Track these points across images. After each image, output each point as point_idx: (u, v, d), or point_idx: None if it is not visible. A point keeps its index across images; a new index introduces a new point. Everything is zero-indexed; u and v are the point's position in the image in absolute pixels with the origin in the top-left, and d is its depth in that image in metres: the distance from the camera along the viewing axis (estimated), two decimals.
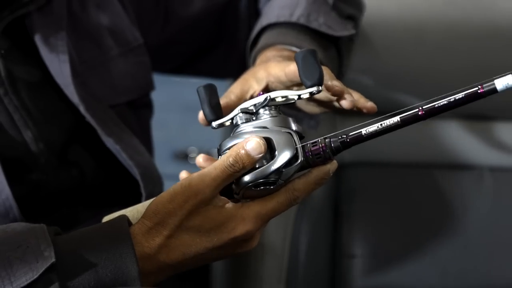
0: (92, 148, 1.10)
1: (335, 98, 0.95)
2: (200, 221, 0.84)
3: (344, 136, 0.85)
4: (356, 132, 0.84)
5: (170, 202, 0.84)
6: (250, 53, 1.16)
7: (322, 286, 1.40)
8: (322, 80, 0.86)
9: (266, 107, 0.86)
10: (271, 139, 0.84)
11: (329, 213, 1.41)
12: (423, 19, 1.38)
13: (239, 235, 0.85)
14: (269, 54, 1.08)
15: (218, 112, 0.88)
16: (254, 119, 0.86)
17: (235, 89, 1.03)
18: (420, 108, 0.83)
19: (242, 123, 0.86)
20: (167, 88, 1.19)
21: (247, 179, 0.84)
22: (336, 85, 0.93)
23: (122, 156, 1.07)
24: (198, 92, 0.88)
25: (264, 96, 0.86)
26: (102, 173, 1.12)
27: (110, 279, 0.83)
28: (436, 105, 0.82)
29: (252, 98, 1.02)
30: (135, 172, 1.07)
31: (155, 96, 1.25)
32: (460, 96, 0.81)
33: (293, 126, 0.86)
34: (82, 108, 1.06)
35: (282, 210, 0.86)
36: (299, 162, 0.84)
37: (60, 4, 1.09)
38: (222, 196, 0.85)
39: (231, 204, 0.85)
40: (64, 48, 1.07)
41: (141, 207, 0.93)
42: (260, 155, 0.82)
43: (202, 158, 0.94)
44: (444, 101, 0.82)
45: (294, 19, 1.12)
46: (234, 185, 0.85)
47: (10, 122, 1.04)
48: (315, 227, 1.38)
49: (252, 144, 0.82)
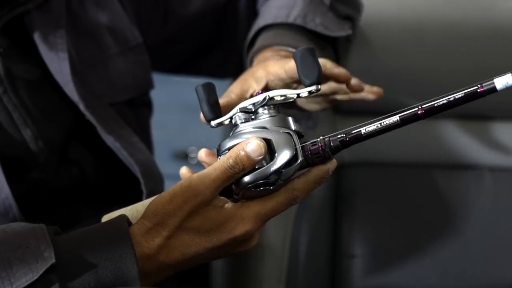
0: (92, 147, 1.10)
1: (336, 89, 0.98)
2: (199, 221, 0.84)
3: (343, 135, 0.85)
4: (355, 131, 0.84)
5: (170, 203, 0.84)
6: (247, 54, 1.16)
7: (322, 286, 1.40)
8: (321, 79, 0.86)
9: (265, 106, 0.86)
10: (271, 140, 0.84)
11: (329, 213, 1.41)
12: (423, 19, 1.37)
13: (239, 235, 0.85)
14: (266, 54, 1.08)
15: (217, 111, 0.87)
16: (253, 118, 0.86)
17: (235, 88, 1.03)
18: (420, 107, 0.82)
19: (241, 123, 0.86)
20: (167, 88, 1.19)
21: (247, 180, 0.84)
22: (342, 71, 0.99)
23: (122, 154, 1.07)
24: (196, 90, 0.87)
25: (263, 95, 0.86)
26: (103, 171, 1.12)
27: (110, 279, 0.83)
28: (435, 104, 0.82)
29: (252, 97, 1.03)
30: (136, 169, 1.07)
31: (155, 96, 1.25)
32: (460, 95, 0.81)
33: (292, 125, 0.85)
34: (81, 106, 1.06)
35: (281, 210, 0.86)
36: (298, 162, 0.84)
37: (59, 2, 1.09)
38: (221, 196, 0.85)
39: (230, 204, 0.85)
40: (64, 46, 1.07)
41: (140, 206, 0.93)
42: (260, 157, 0.82)
43: (204, 153, 0.94)
44: (444, 100, 0.82)
45: (290, 20, 1.12)
46: (233, 185, 0.85)
47: (9, 121, 1.04)
48: (315, 227, 1.38)
49: (252, 145, 0.82)
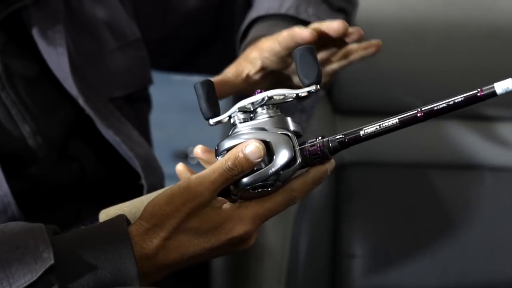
0: (92, 142, 1.10)
1: (328, 56, 1.00)
2: (198, 222, 0.84)
3: (342, 136, 0.85)
4: (354, 132, 0.84)
5: (168, 204, 0.84)
6: (240, 46, 1.16)
7: (322, 286, 1.40)
8: (320, 79, 0.86)
9: (264, 106, 0.86)
10: (269, 142, 0.84)
11: (329, 213, 1.41)
12: (423, 19, 1.38)
13: (237, 236, 0.85)
14: None
15: (216, 109, 0.87)
16: (252, 117, 0.86)
17: (230, 69, 1.04)
18: (419, 109, 0.83)
19: (240, 123, 0.86)
20: (167, 88, 1.19)
21: (245, 181, 0.84)
22: (334, 23, 1.00)
23: (122, 148, 1.07)
24: (195, 88, 0.87)
25: (262, 95, 0.86)
26: (103, 167, 1.12)
27: (109, 279, 0.83)
28: (435, 108, 0.82)
29: (248, 77, 1.04)
30: (136, 163, 1.07)
31: (155, 96, 1.25)
32: (459, 99, 0.82)
33: (290, 126, 0.85)
34: (81, 101, 1.06)
35: (279, 210, 0.86)
36: (297, 164, 0.84)
37: None
38: (219, 197, 0.85)
39: (228, 204, 0.85)
40: (62, 41, 1.06)
41: (138, 202, 0.92)
42: (259, 159, 0.82)
43: (200, 149, 0.94)
44: (443, 104, 0.82)
45: (283, 10, 1.12)
46: (232, 186, 0.85)
47: (7, 117, 1.04)
48: (315, 227, 1.38)
49: (251, 148, 0.82)
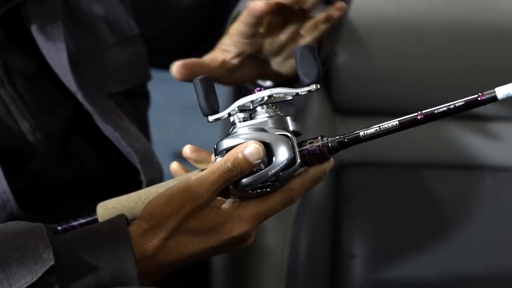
0: (92, 139, 1.10)
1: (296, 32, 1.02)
2: (197, 223, 0.84)
3: (341, 137, 0.85)
4: (354, 133, 0.85)
5: (167, 206, 0.84)
6: None
7: (322, 286, 1.40)
8: (320, 78, 0.86)
9: (264, 105, 0.86)
10: (269, 143, 0.84)
11: (329, 213, 1.41)
12: (423, 19, 1.37)
13: (237, 235, 0.86)
14: None
15: (215, 105, 0.87)
16: (252, 116, 0.86)
17: (207, 56, 1.06)
18: (419, 112, 0.83)
19: (239, 122, 0.86)
20: (167, 88, 1.19)
21: (245, 182, 0.84)
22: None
23: (121, 144, 1.07)
24: (194, 84, 0.87)
25: (262, 93, 0.86)
26: (103, 164, 1.12)
27: (109, 279, 0.83)
28: (436, 111, 0.83)
29: (225, 63, 1.06)
30: (134, 159, 1.07)
31: (155, 95, 1.25)
32: (460, 103, 0.82)
33: (290, 126, 0.86)
34: (80, 96, 1.06)
35: (278, 210, 0.86)
36: (296, 165, 0.84)
37: None
38: (218, 197, 0.85)
39: (227, 204, 0.85)
40: (61, 37, 1.07)
41: (136, 196, 0.92)
42: (258, 161, 0.82)
43: (189, 149, 0.94)
44: (444, 108, 0.82)
45: None
46: (231, 186, 0.85)
47: (6, 113, 1.04)
48: (315, 227, 1.38)
49: (251, 149, 0.82)
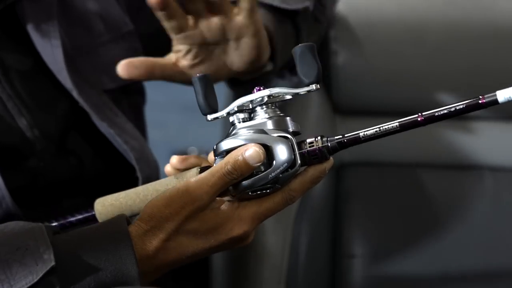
0: (89, 136, 1.10)
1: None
2: (197, 224, 0.85)
3: (341, 137, 0.85)
4: (353, 133, 0.85)
5: (167, 207, 0.84)
6: None
7: (322, 286, 1.40)
8: (320, 77, 0.86)
9: (263, 105, 0.86)
10: (269, 145, 0.84)
11: (329, 213, 1.41)
12: (423, 19, 1.37)
13: (237, 236, 0.86)
14: None
15: (214, 104, 0.87)
16: (252, 115, 0.86)
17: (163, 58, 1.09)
18: (420, 114, 0.83)
19: (239, 123, 0.86)
20: (167, 88, 1.19)
21: (245, 184, 0.84)
22: None
23: (117, 141, 1.08)
24: (193, 82, 0.87)
25: (261, 93, 0.86)
26: (100, 162, 1.12)
27: (110, 280, 0.83)
28: (436, 113, 0.83)
29: (178, 61, 1.08)
30: (130, 156, 1.07)
31: (155, 96, 1.25)
32: (461, 106, 0.82)
33: (290, 126, 0.86)
34: (75, 93, 1.06)
35: (278, 210, 0.87)
36: (296, 167, 0.84)
37: None
38: (217, 197, 0.85)
39: (227, 205, 0.86)
40: (56, 34, 1.07)
41: (133, 194, 0.92)
42: (258, 164, 0.83)
43: (176, 159, 0.92)
44: (445, 109, 0.82)
45: None
46: (231, 187, 0.85)
47: (4, 110, 1.04)
48: (315, 227, 1.38)
49: (251, 152, 0.83)
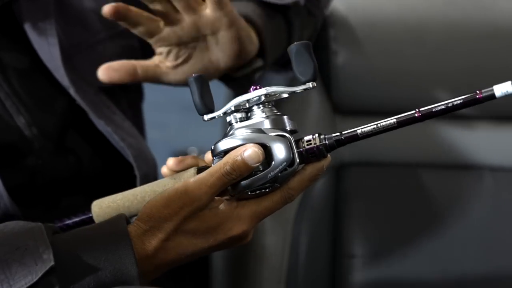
0: (88, 134, 1.10)
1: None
2: (196, 224, 0.85)
3: (339, 134, 0.85)
4: (351, 131, 0.85)
5: (165, 208, 0.84)
6: None
7: (322, 286, 1.40)
8: (316, 75, 0.86)
9: (260, 104, 0.86)
10: (268, 145, 0.84)
11: (329, 213, 1.41)
12: (423, 19, 1.37)
13: (236, 235, 0.86)
14: None
15: (210, 104, 0.87)
16: (248, 115, 0.86)
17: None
18: (417, 110, 0.83)
19: (236, 123, 0.86)
20: (167, 88, 1.19)
21: (244, 184, 0.84)
22: None
23: (114, 138, 1.08)
24: (189, 82, 0.87)
25: (258, 92, 0.86)
26: (99, 160, 1.12)
27: (109, 279, 0.83)
28: (434, 109, 0.83)
29: (161, 62, 1.08)
30: (128, 153, 1.07)
31: (154, 95, 1.25)
32: (458, 101, 0.82)
33: (287, 125, 0.86)
34: (72, 91, 1.06)
35: (277, 208, 0.87)
36: (295, 166, 0.84)
37: None
38: (216, 197, 0.85)
39: (226, 204, 0.86)
40: (53, 32, 1.07)
41: (131, 195, 0.92)
42: (257, 164, 0.83)
43: (173, 161, 0.92)
44: (442, 105, 0.82)
45: None
46: (230, 187, 0.85)
47: (2, 109, 1.04)
48: (315, 227, 1.38)
49: (250, 152, 0.83)
